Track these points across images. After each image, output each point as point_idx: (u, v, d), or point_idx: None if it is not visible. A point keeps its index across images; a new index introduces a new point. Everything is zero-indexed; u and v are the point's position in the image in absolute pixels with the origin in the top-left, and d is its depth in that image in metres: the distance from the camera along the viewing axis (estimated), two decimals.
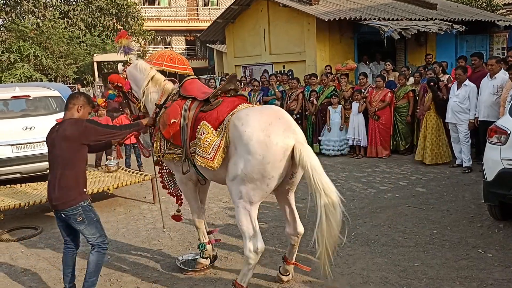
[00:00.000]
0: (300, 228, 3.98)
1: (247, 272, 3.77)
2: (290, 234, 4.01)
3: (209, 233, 4.69)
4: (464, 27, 12.34)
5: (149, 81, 4.44)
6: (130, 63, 4.60)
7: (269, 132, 3.42)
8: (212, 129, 3.70)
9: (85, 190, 3.88)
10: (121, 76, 4.59)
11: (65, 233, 3.98)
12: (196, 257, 4.67)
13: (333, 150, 9.79)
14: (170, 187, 4.72)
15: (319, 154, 9.98)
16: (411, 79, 9.74)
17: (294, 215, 3.98)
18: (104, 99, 4.94)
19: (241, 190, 3.55)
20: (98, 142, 3.97)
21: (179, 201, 4.77)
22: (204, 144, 3.68)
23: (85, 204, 3.81)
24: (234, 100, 3.95)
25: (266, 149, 3.39)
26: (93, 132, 3.77)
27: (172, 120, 4.02)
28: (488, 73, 7.51)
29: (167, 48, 29.78)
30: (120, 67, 4.67)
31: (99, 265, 3.91)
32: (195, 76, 4.53)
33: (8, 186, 6.81)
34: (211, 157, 3.63)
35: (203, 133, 3.72)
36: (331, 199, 3.34)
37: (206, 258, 4.59)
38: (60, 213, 3.79)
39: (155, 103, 4.39)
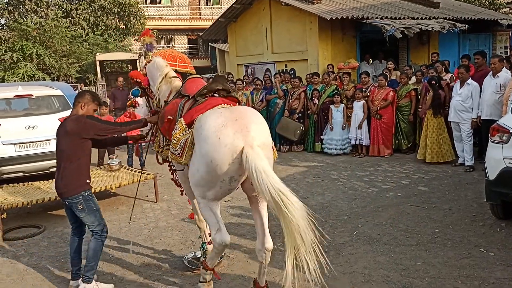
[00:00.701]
0: (268, 244, 3.63)
1: (215, 257, 3.80)
2: (258, 249, 3.68)
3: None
4: (466, 25, 12.29)
5: (162, 78, 4.49)
6: (151, 60, 4.66)
7: (220, 134, 3.32)
8: (185, 125, 3.70)
9: (88, 181, 4.17)
10: (141, 73, 4.73)
11: (72, 220, 4.29)
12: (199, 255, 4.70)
13: (335, 149, 9.79)
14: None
15: (321, 153, 10.00)
16: (413, 78, 9.73)
17: (264, 228, 3.68)
18: (131, 99, 5.15)
19: (199, 190, 3.54)
20: (100, 137, 4.22)
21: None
22: (174, 139, 3.72)
23: (86, 193, 4.10)
24: (218, 100, 3.83)
25: (215, 151, 3.30)
26: (92, 127, 4.05)
27: (168, 117, 4.08)
28: (491, 72, 7.50)
29: (169, 47, 29.78)
30: (142, 64, 4.84)
31: (97, 252, 4.14)
32: (198, 75, 4.54)
33: (11, 184, 6.83)
34: (179, 153, 3.67)
35: (176, 129, 3.76)
36: (282, 200, 3.05)
37: None
38: (65, 200, 4.12)
39: (164, 100, 4.45)
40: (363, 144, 9.55)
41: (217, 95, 3.93)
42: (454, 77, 9.05)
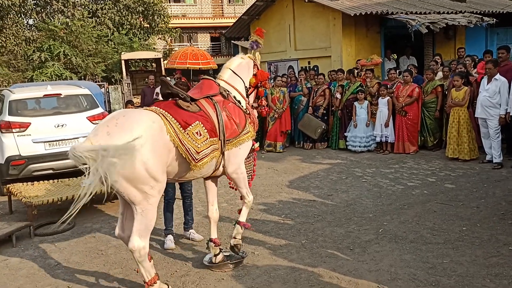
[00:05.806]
0: (129, 244, 3.70)
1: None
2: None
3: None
4: (494, 19, 12.03)
5: None
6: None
7: None
8: None
9: None
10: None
11: None
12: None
13: (359, 146, 9.72)
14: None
15: (345, 150, 9.95)
16: (440, 74, 9.58)
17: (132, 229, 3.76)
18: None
19: None
20: None
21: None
22: None
23: None
24: (154, 104, 4.01)
25: None
26: None
27: None
28: None
29: (193, 45, 29.97)
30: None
31: (186, 209, 5.58)
32: (207, 77, 4.62)
33: (41, 182, 7.02)
34: None
35: None
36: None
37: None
38: None
39: None
40: (388, 141, 9.46)
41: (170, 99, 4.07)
42: (478, 73, 8.88)
